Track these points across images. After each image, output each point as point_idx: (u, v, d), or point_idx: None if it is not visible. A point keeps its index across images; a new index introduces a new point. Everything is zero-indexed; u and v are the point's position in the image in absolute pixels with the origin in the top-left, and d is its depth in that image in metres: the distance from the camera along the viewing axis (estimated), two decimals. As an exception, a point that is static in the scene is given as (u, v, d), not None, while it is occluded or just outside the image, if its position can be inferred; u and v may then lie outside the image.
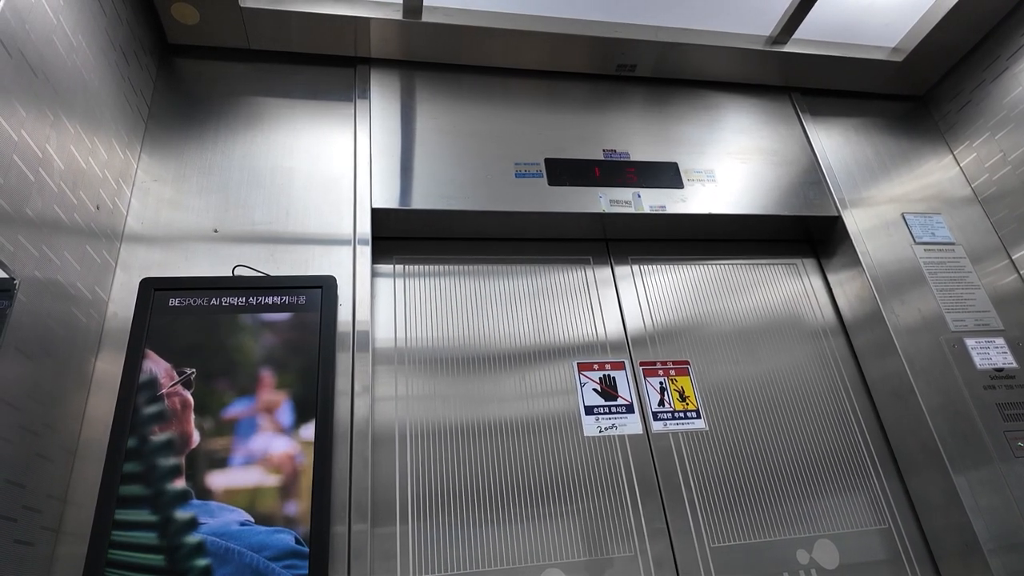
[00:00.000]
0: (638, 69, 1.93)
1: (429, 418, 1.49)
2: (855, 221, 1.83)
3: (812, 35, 1.90)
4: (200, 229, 1.46)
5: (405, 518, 1.36)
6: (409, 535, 1.35)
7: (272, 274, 1.42)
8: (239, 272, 1.38)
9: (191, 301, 1.28)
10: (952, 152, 2.04)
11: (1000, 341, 1.68)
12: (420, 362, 1.55)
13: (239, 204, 1.51)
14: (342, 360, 1.36)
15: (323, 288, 1.31)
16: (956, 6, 1.79)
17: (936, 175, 1.99)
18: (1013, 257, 1.83)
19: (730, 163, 1.88)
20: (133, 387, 1.17)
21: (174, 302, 1.27)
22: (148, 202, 1.47)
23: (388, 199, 1.58)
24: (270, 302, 1.31)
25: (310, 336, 1.29)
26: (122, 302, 1.33)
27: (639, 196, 1.74)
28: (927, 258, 1.79)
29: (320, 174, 1.59)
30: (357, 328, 1.41)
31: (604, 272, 1.79)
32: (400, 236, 1.70)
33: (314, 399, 1.23)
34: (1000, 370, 1.63)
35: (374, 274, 1.63)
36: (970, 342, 1.66)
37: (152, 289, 1.27)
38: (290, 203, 1.53)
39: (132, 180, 1.48)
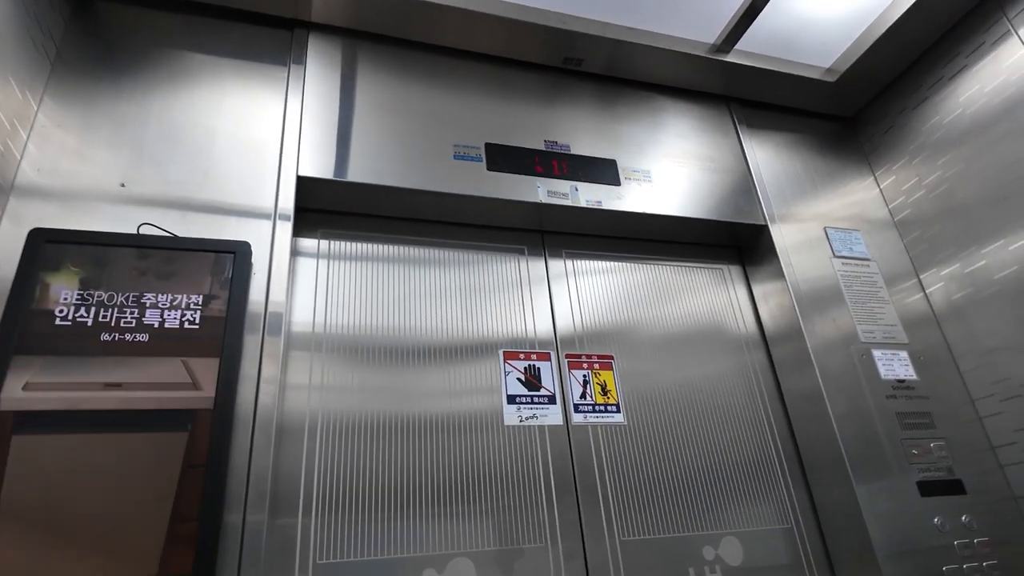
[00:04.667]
0: (585, 64, 1.93)
1: (344, 410, 1.41)
2: (781, 233, 1.89)
3: (754, 47, 1.95)
4: (106, 184, 1.35)
5: (309, 510, 1.29)
6: (312, 526, 1.28)
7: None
8: (145, 231, 1.28)
9: (90, 258, 1.18)
10: (874, 174, 2.14)
11: (904, 354, 1.77)
12: (339, 350, 1.48)
13: (152, 161, 1.41)
14: (251, 342, 1.27)
15: (236, 254, 1.23)
16: (886, 33, 1.87)
17: (858, 195, 2.09)
18: (921, 277, 1.93)
19: (667, 165, 1.90)
20: (9, 346, 1.06)
21: (69, 256, 1.17)
22: (48, 149, 1.34)
23: (317, 169, 1.51)
24: (176, 268, 1.23)
25: (217, 308, 1.22)
26: (6, 256, 1.21)
27: (576, 189, 1.73)
28: (844, 271, 1.86)
29: (245, 137, 1.50)
30: (270, 309, 1.32)
31: (537, 263, 1.77)
32: (327, 209, 1.63)
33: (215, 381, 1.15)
34: (902, 381, 1.71)
35: (296, 251, 1.55)
36: (877, 353, 1.74)
37: (42, 241, 1.16)
38: (209, 164, 1.44)
39: (31, 124, 1.35)
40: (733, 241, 2.01)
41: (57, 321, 1.11)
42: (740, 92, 2.11)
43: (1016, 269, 1.66)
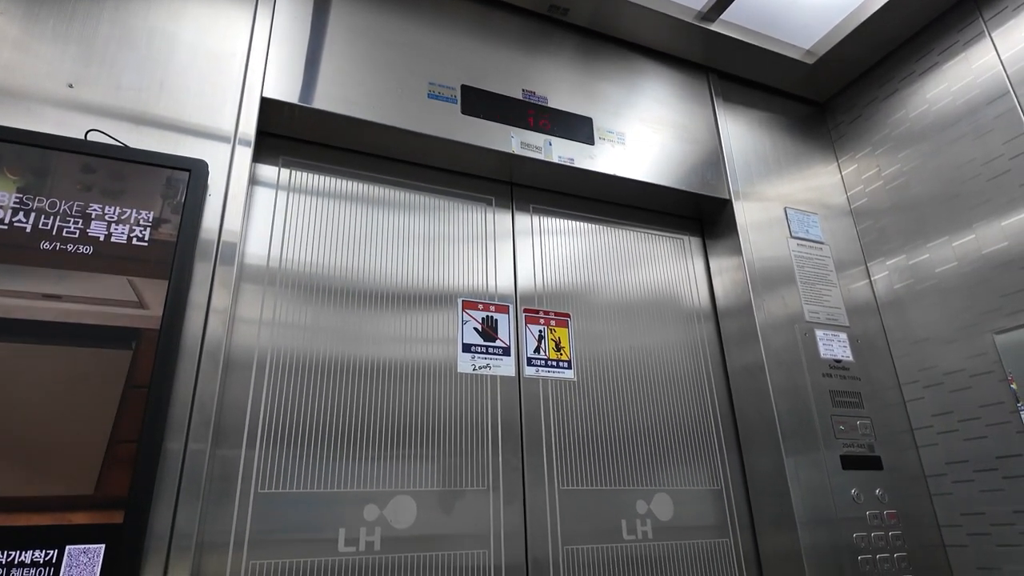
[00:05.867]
0: (571, 14, 1.88)
1: (295, 348, 1.38)
2: (743, 210, 1.93)
3: (739, 19, 1.94)
4: (51, 82, 1.25)
5: (253, 442, 1.28)
6: (255, 458, 1.27)
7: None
8: (93, 138, 1.20)
9: (30, 166, 1.10)
10: (837, 160, 2.20)
11: (843, 336, 1.85)
12: (293, 286, 1.43)
13: (104, 62, 1.31)
14: (202, 270, 1.22)
15: (191, 172, 1.17)
16: (866, 22, 1.89)
17: (820, 179, 2.14)
18: (868, 265, 2.02)
19: (642, 129, 1.90)
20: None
21: (6, 161, 1.09)
22: (-15, 37, 1.23)
23: (282, 91, 1.44)
24: (125, 186, 1.16)
25: (167, 229, 1.16)
26: (-64, 147, 1.11)
27: (550, 144, 1.71)
28: (798, 252, 1.92)
29: (208, 50, 1.41)
30: (224, 237, 1.26)
31: (504, 215, 1.76)
32: (291, 136, 1.56)
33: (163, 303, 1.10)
34: (839, 361, 1.80)
35: (254, 179, 1.49)
36: (819, 333, 1.81)
37: (-24, 137, 1.08)
38: (167, 74, 1.35)
39: (-33, 6, 1.23)
40: (696, 213, 2.03)
41: (-9, 224, 1.04)
42: (720, 64, 2.10)
43: (955, 265, 1.74)
